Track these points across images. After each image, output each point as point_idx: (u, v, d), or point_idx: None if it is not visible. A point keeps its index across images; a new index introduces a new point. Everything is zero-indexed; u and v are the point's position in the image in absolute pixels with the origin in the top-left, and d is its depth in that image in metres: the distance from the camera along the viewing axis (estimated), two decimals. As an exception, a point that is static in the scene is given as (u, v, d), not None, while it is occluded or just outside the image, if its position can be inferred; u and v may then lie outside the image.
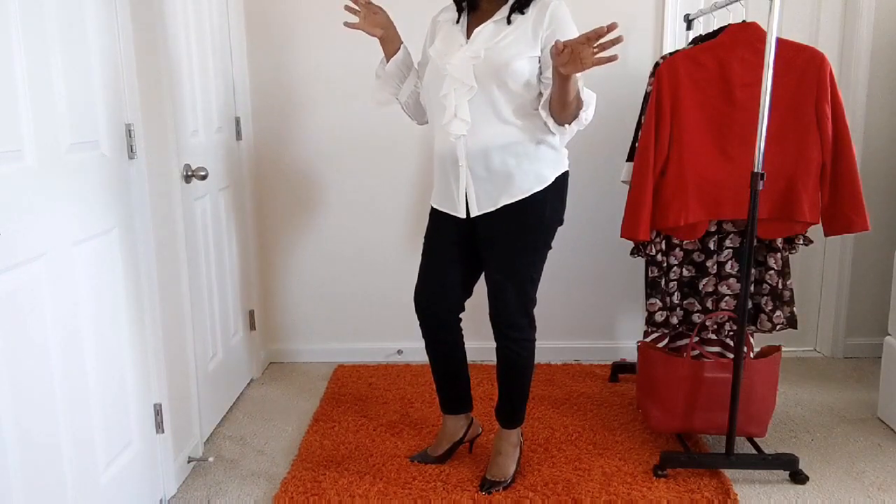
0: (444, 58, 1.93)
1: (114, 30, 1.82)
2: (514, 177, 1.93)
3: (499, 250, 1.99)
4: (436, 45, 1.99)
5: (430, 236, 2.11)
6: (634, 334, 3.16)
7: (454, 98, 1.90)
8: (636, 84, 2.91)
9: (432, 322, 2.14)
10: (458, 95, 1.90)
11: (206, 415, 2.44)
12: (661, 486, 2.12)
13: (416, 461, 2.25)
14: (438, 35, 2.02)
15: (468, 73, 1.88)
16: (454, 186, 1.98)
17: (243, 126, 2.87)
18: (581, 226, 3.07)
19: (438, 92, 1.93)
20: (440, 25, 2.04)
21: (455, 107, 1.90)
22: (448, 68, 1.90)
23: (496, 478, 2.11)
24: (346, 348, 3.19)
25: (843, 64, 3.00)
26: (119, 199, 1.84)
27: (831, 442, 2.42)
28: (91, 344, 1.70)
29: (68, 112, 1.61)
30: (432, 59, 1.98)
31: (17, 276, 1.43)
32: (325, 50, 2.92)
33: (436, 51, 1.97)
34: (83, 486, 1.66)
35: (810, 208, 2.20)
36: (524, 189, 1.94)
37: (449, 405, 2.24)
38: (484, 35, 1.91)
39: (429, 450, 2.28)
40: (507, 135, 1.91)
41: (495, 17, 1.93)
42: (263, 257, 3.10)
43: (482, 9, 1.96)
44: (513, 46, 1.87)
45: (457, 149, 1.93)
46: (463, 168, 1.94)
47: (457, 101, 1.90)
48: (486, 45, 1.89)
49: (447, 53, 1.93)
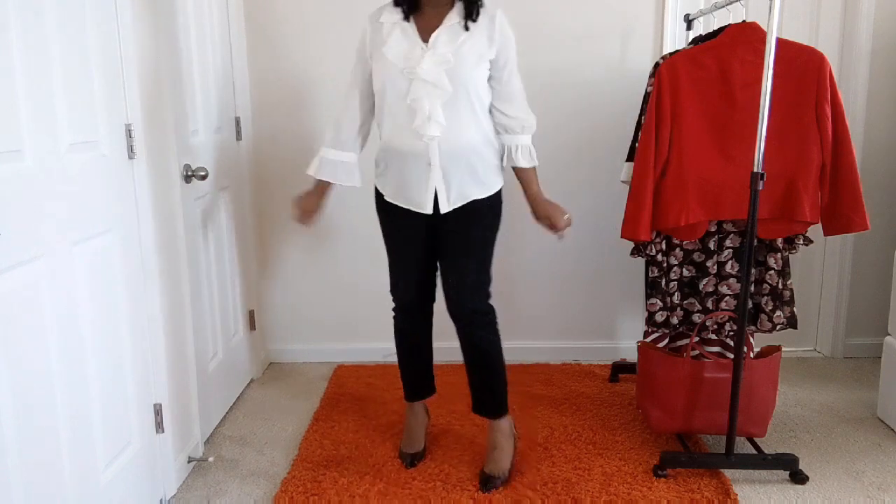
0: (409, 62, 1.94)
1: (114, 30, 1.82)
2: (479, 173, 2.03)
3: (465, 239, 2.06)
4: (391, 48, 1.97)
5: (391, 233, 2.16)
6: (634, 334, 3.16)
7: (427, 101, 1.94)
8: (636, 84, 2.91)
9: (415, 314, 2.22)
10: (431, 99, 1.94)
11: (206, 415, 2.44)
12: (661, 486, 2.12)
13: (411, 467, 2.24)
14: (390, 38, 1.98)
15: (441, 77, 1.93)
16: (422, 184, 2.02)
17: (243, 126, 2.87)
18: (581, 226, 3.07)
19: (404, 95, 1.95)
20: (384, 27, 2.00)
21: (429, 110, 1.94)
22: (419, 72, 1.92)
23: (494, 473, 2.12)
24: (346, 348, 3.19)
25: (843, 64, 3.00)
26: (119, 199, 1.84)
27: (831, 442, 2.42)
28: (91, 344, 1.70)
29: (68, 112, 1.61)
30: (391, 63, 1.96)
31: (17, 276, 1.43)
32: (325, 50, 2.92)
33: (395, 54, 1.96)
34: (83, 485, 1.66)
35: (810, 208, 2.20)
36: (489, 185, 2.06)
37: (419, 392, 2.32)
38: (442, 40, 1.95)
39: (407, 448, 2.29)
40: (475, 135, 2.00)
41: (446, 22, 1.97)
42: (263, 257, 3.10)
43: (426, 13, 1.99)
44: (474, 52, 1.96)
45: (429, 150, 1.98)
46: (436, 168, 1.99)
47: (430, 104, 1.94)
48: (450, 49, 1.94)
49: (410, 57, 1.95)
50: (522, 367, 3.05)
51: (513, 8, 2.89)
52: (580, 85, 2.96)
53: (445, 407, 2.64)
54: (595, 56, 2.93)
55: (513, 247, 3.09)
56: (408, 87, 1.94)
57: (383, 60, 1.98)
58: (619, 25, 2.92)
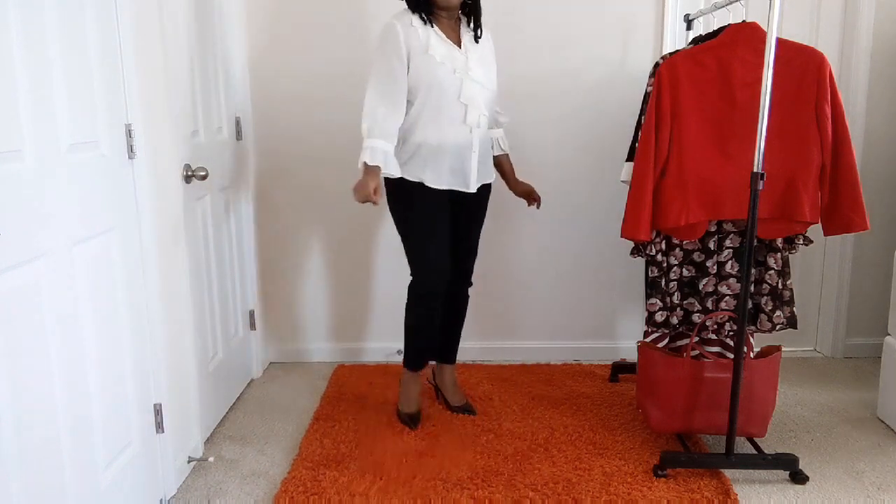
0: (456, 62, 2.23)
1: (114, 30, 1.82)
2: (490, 161, 2.45)
3: (477, 219, 2.50)
4: (438, 51, 2.20)
5: (428, 213, 2.34)
6: (634, 334, 3.16)
7: (479, 99, 2.27)
8: (636, 84, 2.91)
9: (438, 295, 2.41)
10: (482, 97, 2.28)
11: (206, 415, 2.44)
12: (661, 486, 2.12)
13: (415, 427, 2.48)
14: (430, 41, 2.20)
15: (484, 77, 2.28)
16: (467, 168, 2.32)
17: (243, 126, 2.87)
18: (581, 226, 3.07)
19: (456, 93, 2.23)
20: (419, 31, 2.20)
21: (481, 106, 2.28)
22: (471, 73, 2.24)
23: (465, 401, 2.62)
24: (346, 348, 3.19)
25: (843, 64, 3.00)
26: (119, 199, 1.84)
27: (831, 442, 2.42)
28: (91, 344, 1.70)
29: (68, 112, 1.60)
30: (439, 63, 2.20)
31: (17, 275, 1.43)
32: (326, 49, 2.92)
33: (442, 56, 2.21)
34: (83, 486, 1.66)
35: (810, 208, 2.20)
36: (493, 173, 2.48)
37: (424, 360, 2.53)
38: (471, 46, 2.28)
39: (406, 409, 2.54)
40: (489, 129, 2.39)
41: (462, 32, 2.29)
42: (263, 257, 3.10)
43: (443, 23, 2.26)
44: (491, 59, 2.36)
45: (472, 139, 2.30)
46: (475, 154, 2.33)
47: (481, 101, 2.27)
48: (480, 55, 2.29)
49: (455, 59, 2.23)
50: (523, 367, 3.05)
51: (513, 9, 2.90)
52: (580, 85, 2.96)
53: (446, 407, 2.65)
54: (595, 56, 2.93)
55: (513, 247, 3.09)
56: (459, 86, 2.23)
57: (430, 61, 2.20)
58: (619, 26, 2.92)
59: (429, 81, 2.19)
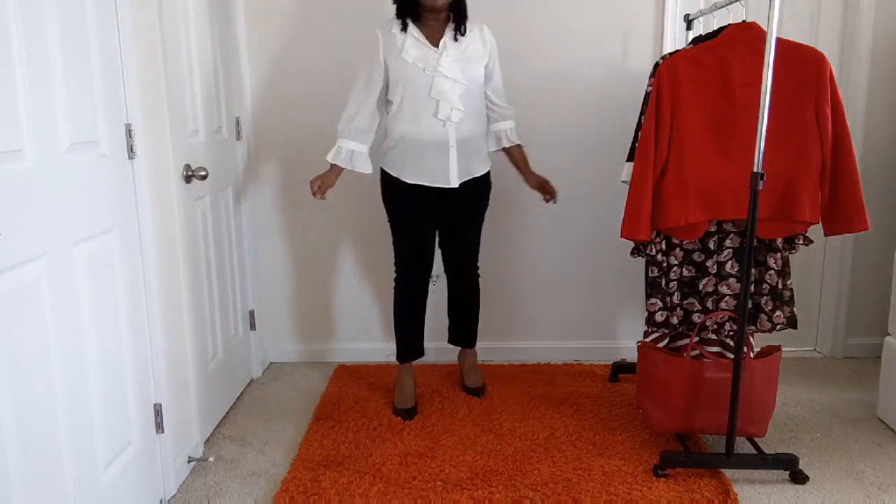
0: (428, 62, 2.34)
1: (114, 30, 1.82)
2: (481, 154, 2.52)
3: (474, 211, 2.58)
4: (410, 53, 2.34)
5: (407, 208, 2.48)
6: (634, 334, 3.16)
7: (451, 93, 2.35)
8: (636, 84, 2.91)
9: (425, 273, 2.57)
10: (453, 91, 2.35)
11: (206, 415, 2.44)
12: (661, 486, 2.12)
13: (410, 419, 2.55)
14: (405, 45, 2.34)
15: (458, 72, 2.35)
16: (444, 164, 2.42)
17: (243, 126, 2.87)
18: (581, 226, 3.07)
19: (427, 90, 2.34)
20: (397, 37, 2.36)
21: (452, 100, 2.35)
22: (441, 69, 2.33)
23: (479, 384, 2.77)
24: (346, 348, 3.19)
25: (843, 64, 3.00)
26: (119, 199, 1.84)
27: (831, 442, 2.42)
28: (91, 344, 1.70)
29: (68, 112, 1.61)
30: (411, 64, 2.34)
31: (17, 275, 1.43)
32: (325, 49, 2.92)
33: (414, 57, 2.34)
34: (83, 485, 1.66)
35: (810, 208, 2.20)
36: (485, 164, 2.55)
37: (415, 352, 2.69)
38: (450, 45, 2.37)
39: (402, 404, 2.60)
40: (477, 123, 2.47)
41: (447, 32, 2.38)
42: (263, 257, 3.10)
43: (429, 25, 2.38)
44: (475, 54, 2.42)
45: (448, 134, 2.39)
46: (453, 149, 2.40)
47: (452, 95, 2.35)
48: (458, 52, 2.37)
49: (428, 59, 2.34)
50: (523, 367, 3.05)
51: (514, 9, 2.90)
52: (580, 85, 2.96)
53: (446, 407, 2.65)
54: (595, 56, 2.93)
55: (513, 248, 3.09)
56: (430, 83, 2.33)
57: (403, 63, 2.34)
58: (619, 26, 2.92)
59: (404, 79, 2.35)
